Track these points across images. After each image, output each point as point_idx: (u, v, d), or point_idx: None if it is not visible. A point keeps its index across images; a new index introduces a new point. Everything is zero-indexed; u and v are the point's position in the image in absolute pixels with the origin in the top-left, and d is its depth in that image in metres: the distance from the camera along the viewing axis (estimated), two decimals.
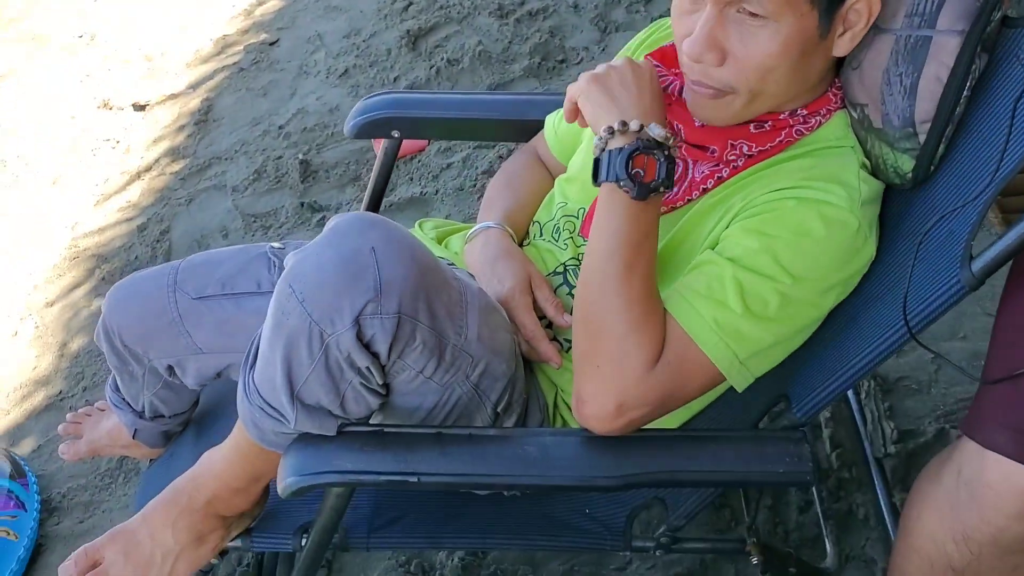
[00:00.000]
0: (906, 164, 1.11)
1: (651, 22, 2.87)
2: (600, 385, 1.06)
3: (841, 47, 1.11)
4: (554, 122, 1.47)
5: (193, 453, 1.60)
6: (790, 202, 1.08)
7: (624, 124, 1.08)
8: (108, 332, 1.44)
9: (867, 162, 1.15)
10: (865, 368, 1.07)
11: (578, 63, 2.80)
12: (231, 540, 1.31)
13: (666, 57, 1.25)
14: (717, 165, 1.17)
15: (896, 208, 1.14)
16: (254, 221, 2.59)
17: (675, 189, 1.19)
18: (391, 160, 1.57)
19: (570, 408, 1.28)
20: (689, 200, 1.19)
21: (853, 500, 1.69)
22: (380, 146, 1.69)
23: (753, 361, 1.08)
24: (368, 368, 1.06)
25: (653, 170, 1.06)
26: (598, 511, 1.32)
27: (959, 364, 1.59)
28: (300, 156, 2.73)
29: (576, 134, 1.43)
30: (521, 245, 1.37)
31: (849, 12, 1.08)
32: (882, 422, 1.72)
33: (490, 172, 2.49)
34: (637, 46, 1.36)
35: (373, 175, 1.59)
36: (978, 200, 1.00)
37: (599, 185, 1.10)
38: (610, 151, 1.08)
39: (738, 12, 1.06)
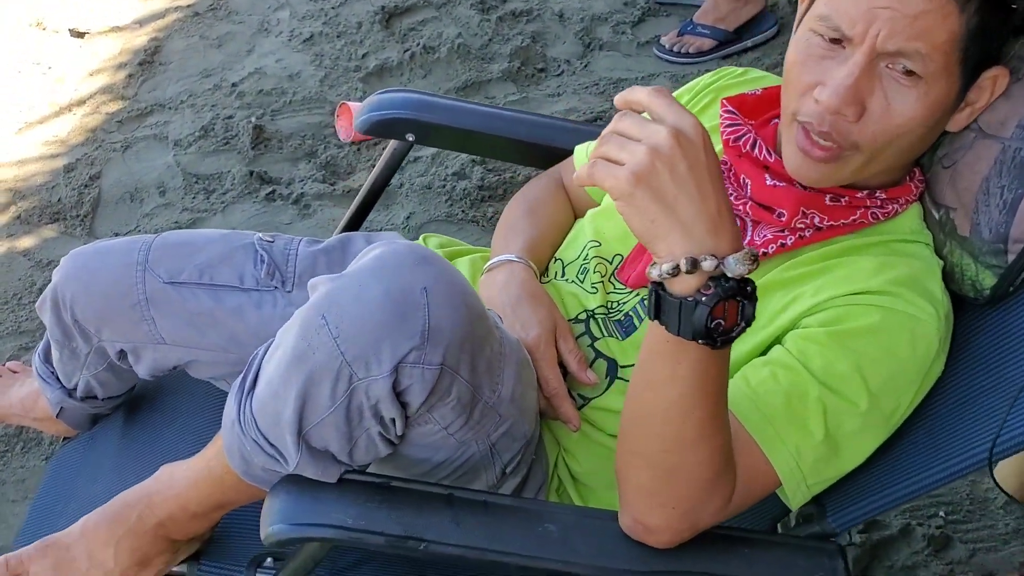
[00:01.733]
0: (987, 280, 1.04)
1: (636, 47, 2.82)
2: (674, 522, 0.94)
3: (957, 122, 1.04)
4: (587, 152, 1.36)
5: (118, 442, 1.44)
6: (876, 313, 1.00)
7: (695, 264, 0.80)
8: (58, 303, 1.27)
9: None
10: (926, 488, 1.00)
11: (558, 75, 2.69)
12: (176, 565, 1.16)
13: (744, 106, 1.15)
14: (782, 231, 1.08)
15: (964, 324, 1.08)
16: (196, 182, 2.40)
17: None
18: (397, 163, 1.43)
19: (569, 470, 1.18)
20: None
21: None
22: (344, 128, 1.51)
23: (817, 485, 1.01)
24: (393, 419, 0.94)
25: (735, 315, 0.82)
26: None
27: None
28: (253, 120, 2.54)
29: None
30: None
31: (973, 88, 1.02)
32: None
33: (461, 175, 2.36)
34: (701, 89, 1.27)
35: (373, 175, 1.45)
36: None
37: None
38: (682, 299, 0.81)
39: (888, 68, 0.97)
